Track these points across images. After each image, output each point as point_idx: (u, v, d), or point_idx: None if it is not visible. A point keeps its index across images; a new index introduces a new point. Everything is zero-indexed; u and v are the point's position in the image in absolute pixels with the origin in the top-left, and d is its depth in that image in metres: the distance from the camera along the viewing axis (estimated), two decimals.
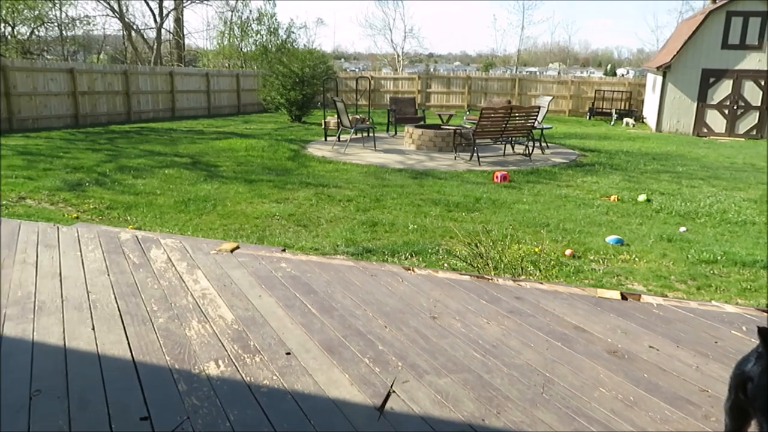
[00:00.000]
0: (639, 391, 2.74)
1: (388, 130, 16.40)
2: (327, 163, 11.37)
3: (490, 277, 4.28)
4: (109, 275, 4.10)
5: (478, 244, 5.40)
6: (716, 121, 19.09)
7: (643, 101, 24.11)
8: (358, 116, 15.00)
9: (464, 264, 5.28)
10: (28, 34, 28.20)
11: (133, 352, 3.03)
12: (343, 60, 62.71)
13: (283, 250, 4.98)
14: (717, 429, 2.45)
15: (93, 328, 3.29)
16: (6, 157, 10.66)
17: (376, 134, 14.36)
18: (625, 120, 21.76)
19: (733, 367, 2.14)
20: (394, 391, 2.72)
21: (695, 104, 19.10)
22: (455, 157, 12.32)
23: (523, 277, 4.70)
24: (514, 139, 12.93)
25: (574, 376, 2.86)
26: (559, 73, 53.30)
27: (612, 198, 8.74)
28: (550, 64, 69.90)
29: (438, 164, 11.50)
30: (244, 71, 24.83)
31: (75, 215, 7.00)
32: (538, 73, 45.85)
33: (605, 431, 2.44)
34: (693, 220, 7.61)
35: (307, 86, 19.10)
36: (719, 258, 5.83)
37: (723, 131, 19.01)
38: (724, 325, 3.45)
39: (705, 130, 19.13)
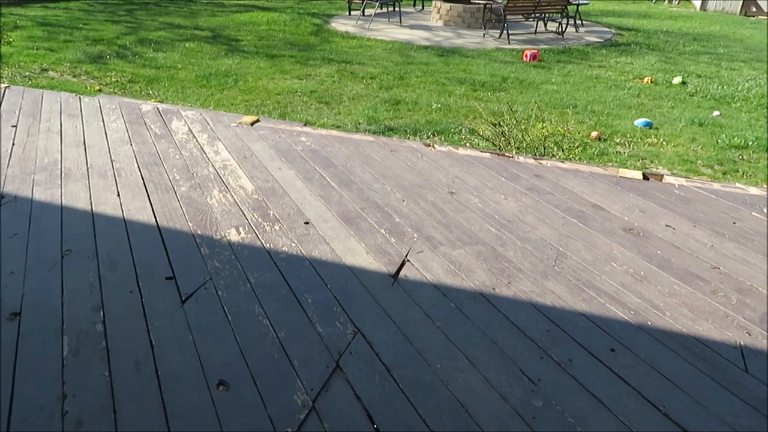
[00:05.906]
0: (650, 266, 2.77)
1: (414, 5, 15.64)
2: (350, 38, 10.99)
3: (510, 155, 4.24)
4: (131, 145, 4.15)
5: (501, 123, 5.30)
6: None
7: None
8: None
9: (486, 143, 5.22)
10: None
11: (158, 218, 3.13)
12: None
13: (304, 125, 4.95)
14: (724, 303, 2.50)
15: (118, 195, 3.38)
16: (26, 28, 10.50)
17: (402, 9, 13.74)
18: None
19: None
20: (408, 260, 2.80)
21: None
22: (484, 34, 11.81)
23: (545, 156, 4.64)
24: (547, 15, 12.27)
25: (587, 251, 2.90)
26: None
27: (645, 80, 8.40)
28: None
29: (466, 41, 11.05)
30: None
31: (98, 88, 6.98)
32: None
33: (612, 302, 2.51)
34: (728, 104, 7.33)
35: None
36: (750, 143, 5.67)
37: None
38: (745, 207, 3.41)
39: (754, 9, 17.89)
